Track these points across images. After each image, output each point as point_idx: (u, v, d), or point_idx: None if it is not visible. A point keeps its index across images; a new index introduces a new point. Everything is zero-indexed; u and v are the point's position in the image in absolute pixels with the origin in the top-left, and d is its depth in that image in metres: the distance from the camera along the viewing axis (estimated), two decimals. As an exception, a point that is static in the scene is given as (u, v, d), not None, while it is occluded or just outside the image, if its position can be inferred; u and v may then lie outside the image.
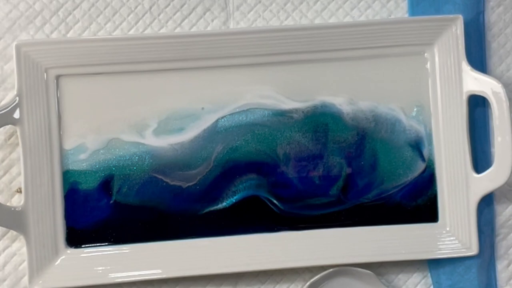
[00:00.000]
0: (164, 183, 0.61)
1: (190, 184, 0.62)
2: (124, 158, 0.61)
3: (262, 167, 0.62)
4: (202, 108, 0.61)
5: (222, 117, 0.62)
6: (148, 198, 0.61)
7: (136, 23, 0.63)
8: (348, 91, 0.62)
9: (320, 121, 0.62)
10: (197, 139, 0.62)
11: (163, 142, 0.61)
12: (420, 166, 0.63)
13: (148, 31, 0.63)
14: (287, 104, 0.62)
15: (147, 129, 0.61)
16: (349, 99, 0.62)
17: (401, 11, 0.64)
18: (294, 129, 0.62)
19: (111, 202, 0.61)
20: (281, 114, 0.62)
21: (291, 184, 0.62)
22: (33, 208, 0.59)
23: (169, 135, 0.61)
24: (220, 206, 0.62)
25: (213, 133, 0.62)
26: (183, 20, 0.63)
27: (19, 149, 0.59)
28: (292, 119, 0.62)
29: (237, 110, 0.62)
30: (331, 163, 0.62)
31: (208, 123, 0.62)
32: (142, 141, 0.61)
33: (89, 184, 0.61)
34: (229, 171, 0.62)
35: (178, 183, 0.61)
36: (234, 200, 0.62)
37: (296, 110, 0.62)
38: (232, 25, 0.63)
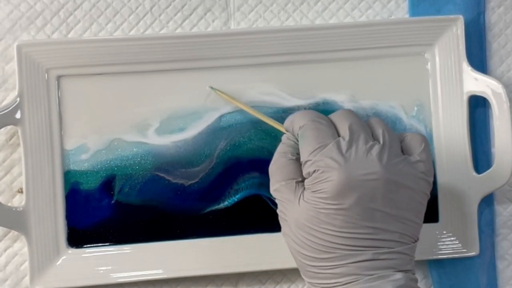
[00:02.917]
0: (167, 181, 0.61)
1: (193, 182, 0.62)
2: (127, 158, 0.61)
3: (265, 164, 0.62)
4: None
5: (225, 114, 0.62)
6: (150, 197, 0.61)
7: (137, 23, 0.63)
8: (349, 90, 0.63)
9: (322, 118, 0.63)
10: (200, 135, 0.62)
11: (165, 141, 0.61)
12: (421, 167, 0.63)
13: (149, 32, 0.63)
14: (290, 101, 0.62)
15: (149, 128, 0.61)
16: (350, 96, 0.62)
17: (402, 11, 0.64)
18: (296, 125, 0.62)
19: (113, 202, 0.61)
20: (284, 111, 0.62)
21: (293, 183, 0.62)
22: (34, 208, 0.59)
23: (171, 133, 0.62)
24: (222, 205, 0.62)
25: (216, 129, 0.62)
26: (184, 20, 0.63)
27: (20, 149, 0.59)
28: (295, 115, 0.62)
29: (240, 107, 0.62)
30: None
31: (210, 120, 0.62)
32: (144, 140, 0.61)
33: (90, 184, 0.61)
34: (231, 169, 0.62)
35: (180, 181, 0.61)
36: (236, 199, 0.62)
37: (298, 107, 0.62)
38: (233, 26, 0.63)
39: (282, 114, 0.62)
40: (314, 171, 0.46)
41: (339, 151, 0.46)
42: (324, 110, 0.62)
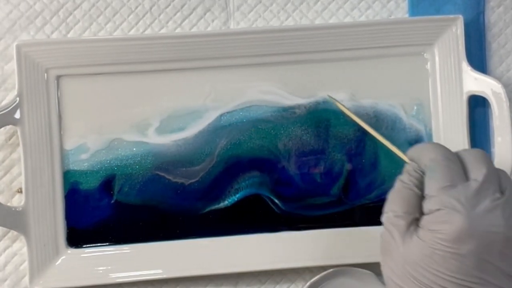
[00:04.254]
0: (167, 181, 0.61)
1: (193, 181, 0.61)
2: (127, 158, 0.61)
3: (265, 164, 0.62)
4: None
5: (225, 113, 0.62)
6: (150, 197, 0.61)
7: (137, 23, 0.63)
8: (349, 89, 0.63)
9: (323, 117, 0.62)
10: (201, 133, 0.62)
11: (166, 139, 0.61)
12: (421, 167, 0.63)
13: (148, 32, 0.63)
14: (290, 100, 0.62)
15: (149, 128, 0.61)
16: (350, 95, 0.63)
17: (401, 11, 0.64)
18: (297, 124, 0.62)
19: (112, 202, 0.61)
20: (284, 109, 0.62)
21: (293, 182, 0.62)
22: (33, 208, 0.59)
23: (172, 133, 0.61)
24: (222, 205, 0.62)
25: (217, 127, 0.62)
26: (183, 20, 0.63)
27: (20, 149, 0.59)
28: (295, 114, 0.62)
29: (240, 106, 0.62)
30: (332, 160, 0.62)
31: (211, 119, 0.62)
32: (144, 139, 0.61)
33: (90, 184, 0.61)
34: (232, 168, 0.62)
35: (180, 180, 0.61)
36: (236, 199, 0.62)
37: (298, 106, 0.62)
38: (232, 26, 0.63)
39: (282, 112, 0.62)
40: (438, 210, 0.45)
41: (468, 195, 0.45)
42: (324, 108, 0.62)
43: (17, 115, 0.59)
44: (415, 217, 0.47)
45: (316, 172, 0.62)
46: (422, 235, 0.46)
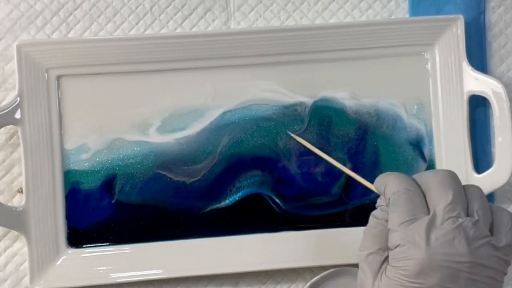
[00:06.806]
0: (168, 179, 0.61)
1: (194, 179, 0.61)
2: (128, 157, 0.61)
3: (266, 162, 0.62)
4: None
5: (227, 111, 0.62)
6: (151, 196, 0.61)
7: (137, 23, 0.63)
8: (350, 88, 0.63)
9: (324, 114, 0.62)
10: (203, 131, 0.62)
11: (168, 138, 0.61)
12: (421, 167, 0.63)
13: (149, 32, 0.63)
14: (291, 98, 0.62)
15: (151, 127, 0.61)
16: (351, 93, 0.63)
17: (402, 11, 0.64)
18: (298, 122, 0.62)
19: (113, 201, 0.61)
20: (285, 107, 0.62)
21: (294, 181, 0.62)
22: (34, 208, 0.59)
23: (173, 132, 0.61)
24: (223, 204, 0.62)
25: (219, 126, 0.62)
26: (184, 20, 0.63)
27: (20, 149, 0.59)
28: (296, 111, 0.62)
29: (242, 105, 0.62)
30: (333, 159, 0.62)
31: (213, 117, 0.62)
32: (146, 139, 0.61)
33: (90, 183, 0.61)
34: (233, 166, 0.62)
35: (182, 179, 0.61)
36: (237, 198, 0.62)
37: (300, 104, 0.62)
38: (233, 26, 0.63)
39: (284, 110, 0.62)
40: (399, 245, 0.45)
41: (428, 229, 0.44)
42: (326, 106, 0.62)
43: (18, 115, 0.59)
44: (386, 256, 0.47)
45: (317, 172, 0.62)
46: (388, 272, 0.45)
